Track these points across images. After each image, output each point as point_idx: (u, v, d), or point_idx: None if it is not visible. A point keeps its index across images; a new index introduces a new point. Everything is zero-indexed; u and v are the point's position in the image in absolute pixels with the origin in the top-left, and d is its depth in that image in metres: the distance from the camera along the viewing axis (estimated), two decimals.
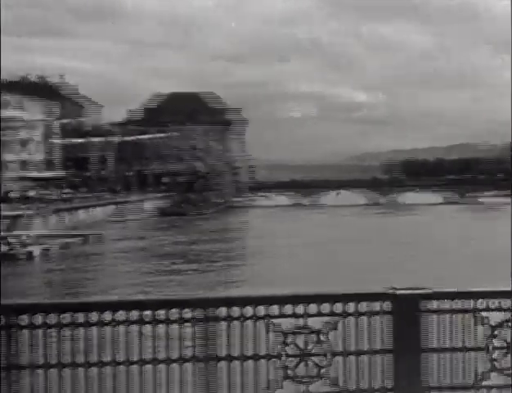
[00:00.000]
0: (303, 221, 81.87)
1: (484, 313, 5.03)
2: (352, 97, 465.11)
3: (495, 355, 5.06)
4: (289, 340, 4.79)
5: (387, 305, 4.89)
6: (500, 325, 5.03)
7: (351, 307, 4.81)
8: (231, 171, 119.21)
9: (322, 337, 4.81)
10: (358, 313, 4.82)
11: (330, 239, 56.03)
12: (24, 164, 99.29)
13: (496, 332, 5.05)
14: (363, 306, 4.84)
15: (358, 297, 4.89)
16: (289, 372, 4.78)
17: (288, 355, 4.82)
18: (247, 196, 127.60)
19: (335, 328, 4.80)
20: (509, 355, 5.04)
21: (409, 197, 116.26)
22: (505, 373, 5.06)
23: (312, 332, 4.78)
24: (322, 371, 4.83)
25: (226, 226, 79.43)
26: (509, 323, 5.04)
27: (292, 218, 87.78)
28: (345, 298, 4.84)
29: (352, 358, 4.87)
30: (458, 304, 5.02)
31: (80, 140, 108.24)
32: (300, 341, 4.79)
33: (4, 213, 60.14)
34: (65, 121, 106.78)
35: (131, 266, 43.51)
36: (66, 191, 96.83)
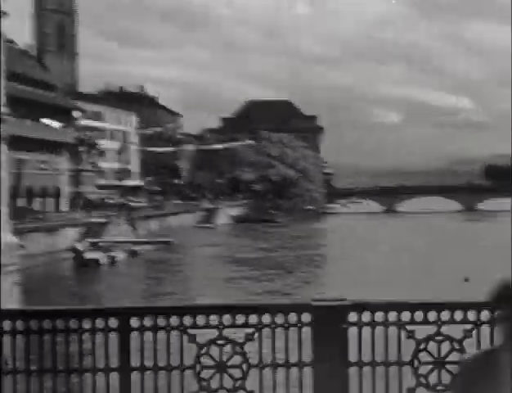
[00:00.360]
0: (391, 227, 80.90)
1: (411, 327, 4.81)
2: (444, 100, 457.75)
3: (421, 370, 4.86)
4: (203, 351, 4.72)
5: (306, 317, 4.75)
6: (426, 339, 4.82)
7: (268, 319, 4.70)
8: (318, 177, 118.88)
9: (238, 349, 4.72)
10: (275, 325, 4.70)
11: (420, 245, 55.06)
12: (110, 173, 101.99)
13: (421, 347, 4.82)
14: (281, 318, 4.71)
15: (276, 308, 4.79)
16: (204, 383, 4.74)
17: (204, 366, 4.75)
18: (334, 202, 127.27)
19: (251, 339, 4.71)
20: (437, 370, 4.89)
21: (506, 204, 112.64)
22: (432, 389, 4.87)
23: (228, 343, 4.70)
24: (238, 383, 4.74)
25: (313, 232, 79.25)
26: (437, 338, 4.82)
27: (380, 224, 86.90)
28: (263, 309, 4.74)
29: (268, 370, 4.75)
30: (385, 316, 4.82)
31: (168, 148, 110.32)
32: (215, 352, 4.72)
33: (91, 220, 62.02)
34: (153, 130, 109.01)
35: (211, 272, 43.97)
36: (153, 198, 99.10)
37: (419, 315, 4.82)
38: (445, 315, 4.80)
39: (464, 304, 4.89)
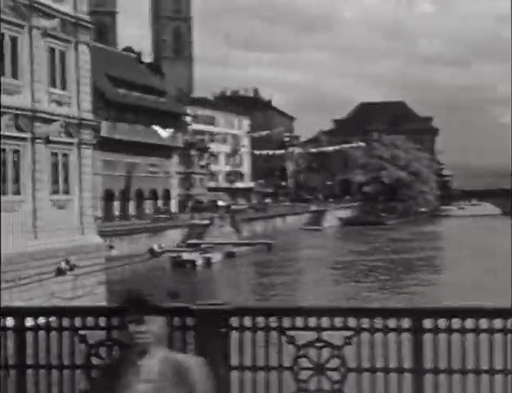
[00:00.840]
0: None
1: (292, 333, 4.85)
2: None
3: (301, 376, 4.91)
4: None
5: (189, 321, 4.83)
6: (306, 345, 4.86)
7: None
8: (432, 179, 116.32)
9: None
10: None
11: None
12: (222, 175, 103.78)
13: (301, 352, 4.87)
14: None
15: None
16: None
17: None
18: (450, 204, 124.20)
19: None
20: (316, 376, 4.96)
21: None
22: None
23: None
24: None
25: (422, 235, 77.61)
26: (317, 344, 4.88)
27: (498, 227, 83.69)
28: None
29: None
30: (265, 322, 4.88)
31: (280, 151, 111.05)
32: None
33: (195, 221, 63.52)
34: (264, 133, 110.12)
35: (300, 274, 44.15)
36: (262, 200, 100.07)
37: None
38: (325, 322, 4.84)
39: (344, 311, 4.96)
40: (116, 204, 68.49)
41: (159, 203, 74.91)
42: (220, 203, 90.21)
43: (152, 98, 74.38)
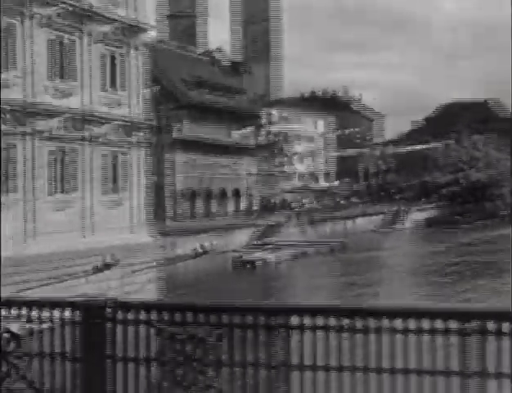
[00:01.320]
0: None
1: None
2: None
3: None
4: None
5: (78, 314, 5.03)
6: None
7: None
8: None
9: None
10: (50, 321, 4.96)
11: None
12: (300, 176, 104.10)
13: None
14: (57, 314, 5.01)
15: (51, 305, 5.09)
16: None
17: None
18: None
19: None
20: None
21: None
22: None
23: None
24: None
25: (501, 238, 75.68)
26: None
27: None
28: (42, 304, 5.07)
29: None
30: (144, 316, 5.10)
31: (361, 150, 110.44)
32: None
33: (267, 221, 64.17)
34: (346, 133, 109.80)
35: (358, 275, 44.01)
36: (341, 200, 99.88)
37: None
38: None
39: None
40: (198, 203, 69.99)
41: (241, 202, 76.07)
42: (294, 204, 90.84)
43: (229, 99, 75.38)
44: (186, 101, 67.93)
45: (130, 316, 5.14)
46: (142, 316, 5.14)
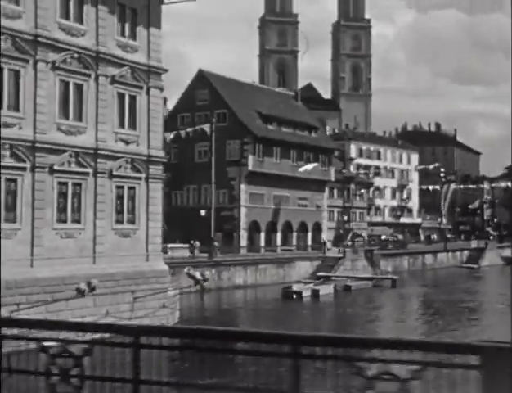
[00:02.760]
0: None
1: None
2: None
3: None
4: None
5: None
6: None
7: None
8: None
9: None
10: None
11: None
12: (387, 210, 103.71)
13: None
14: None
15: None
16: None
17: None
18: None
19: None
20: None
21: None
22: None
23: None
24: None
25: None
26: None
27: None
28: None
29: None
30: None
31: (452, 186, 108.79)
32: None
33: (328, 255, 65.09)
34: (437, 168, 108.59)
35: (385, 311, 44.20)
36: (429, 235, 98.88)
37: None
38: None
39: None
40: (262, 235, 71.70)
41: (309, 235, 77.05)
42: (389, 237, 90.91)
43: (303, 134, 76.85)
44: (261, 136, 69.86)
45: None
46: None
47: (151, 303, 32.02)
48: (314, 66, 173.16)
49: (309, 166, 72.38)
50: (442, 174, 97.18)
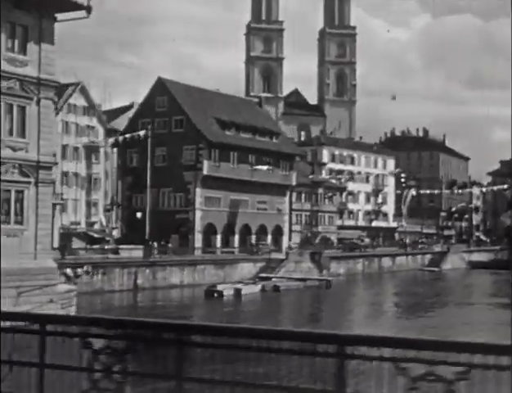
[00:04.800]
0: None
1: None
2: None
3: None
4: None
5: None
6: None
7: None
8: None
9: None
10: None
11: None
12: (360, 214, 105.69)
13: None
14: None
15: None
16: None
17: None
18: None
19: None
20: None
21: None
22: None
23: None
24: None
25: None
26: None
27: None
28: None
29: None
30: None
31: (412, 191, 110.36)
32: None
33: (272, 256, 67.42)
34: (412, 173, 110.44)
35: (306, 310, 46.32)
36: (401, 239, 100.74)
37: None
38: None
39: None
40: (219, 237, 74.13)
41: (269, 238, 79.33)
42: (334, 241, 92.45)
43: (263, 139, 79.14)
44: (216, 141, 72.28)
45: None
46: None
47: (38, 298, 34.60)
48: (301, 72, 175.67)
49: (263, 167, 74.87)
50: (402, 180, 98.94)
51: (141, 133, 60.38)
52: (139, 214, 63.03)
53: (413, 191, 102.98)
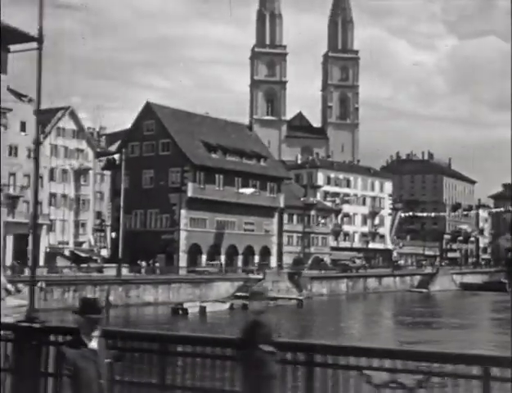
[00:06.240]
0: None
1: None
2: None
3: None
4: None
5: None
6: None
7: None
8: None
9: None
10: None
11: None
12: (355, 236, 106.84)
13: None
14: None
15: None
16: None
17: None
18: None
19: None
20: None
21: None
22: None
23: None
24: None
25: None
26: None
27: None
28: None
29: None
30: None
31: (399, 213, 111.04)
32: None
33: (251, 276, 68.90)
34: (413, 196, 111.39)
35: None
36: (395, 261, 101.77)
37: None
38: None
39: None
40: (204, 257, 75.88)
41: (256, 259, 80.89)
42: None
43: (250, 162, 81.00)
44: (201, 164, 74.27)
45: None
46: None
47: None
48: (304, 95, 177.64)
49: (248, 191, 76.61)
50: (389, 202, 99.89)
51: (116, 156, 62.53)
52: (113, 234, 65.02)
53: (400, 213, 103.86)
